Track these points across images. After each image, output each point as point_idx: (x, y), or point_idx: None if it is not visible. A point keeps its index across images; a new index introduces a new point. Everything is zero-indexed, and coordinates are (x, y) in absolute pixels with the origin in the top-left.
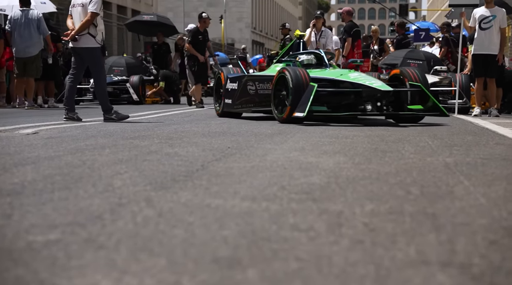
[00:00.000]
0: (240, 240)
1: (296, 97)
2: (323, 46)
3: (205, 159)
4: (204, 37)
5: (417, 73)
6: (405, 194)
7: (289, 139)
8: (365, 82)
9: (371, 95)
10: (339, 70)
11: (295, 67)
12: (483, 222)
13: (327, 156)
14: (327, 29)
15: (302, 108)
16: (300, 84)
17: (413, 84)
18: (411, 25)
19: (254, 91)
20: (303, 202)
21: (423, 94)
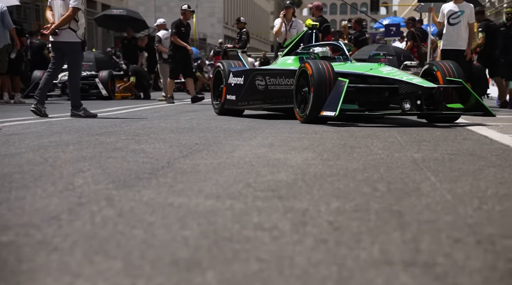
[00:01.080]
0: (201, 241)
1: (319, 94)
2: (292, 37)
3: (171, 156)
4: (186, 29)
5: (451, 67)
6: (372, 191)
7: (258, 135)
8: (402, 78)
9: (410, 92)
10: (366, 64)
11: (316, 60)
12: (448, 220)
13: (295, 152)
14: (297, 20)
15: (332, 106)
16: (322, 79)
17: (452, 80)
18: (382, 20)
19: (263, 86)
20: (269, 200)
21: (462, 91)
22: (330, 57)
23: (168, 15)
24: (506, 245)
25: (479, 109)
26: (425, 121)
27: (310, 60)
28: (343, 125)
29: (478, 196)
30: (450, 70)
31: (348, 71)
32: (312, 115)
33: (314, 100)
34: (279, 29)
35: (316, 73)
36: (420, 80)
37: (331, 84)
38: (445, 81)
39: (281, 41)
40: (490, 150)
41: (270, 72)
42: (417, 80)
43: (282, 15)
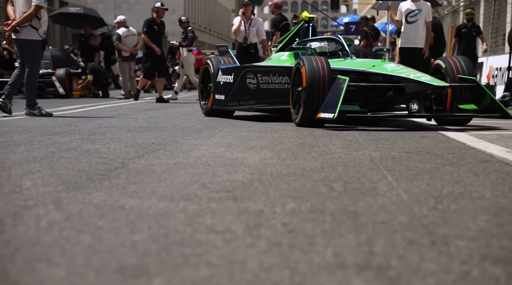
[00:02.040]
0: (151, 245)
1: (311, 94)
2: (253, 36)
3: (126, 156)
4: (160, 28)
5: (462, 63)
6: (328, 191)
7: (217, 134)
8: (409, 75)
9: (418, 91)
10: (369, 60)
11: (311, 55)
12: (403, 220)
13: (253, 152)
14: (257, 18)
15: (330, 108)
16: (315, 77)
17: (464, 78)
18: (342, 18)
19: (255, 85)
20: (223, 201)
21: (476, 90)
22: (329, 52)
23: (128, 12)
24: (461, 247)
25: (496, 111)
26: (435, 123)
27: (304, 56)
28: (343, 129)
29: (434, 195)
30: (459, 66)
31: (348, 68)
32: (306, 117)
33: (306, 100)
34: (238, 28)
35: (309, 70)
36: (430, 78)
37: (325, 83)
38: (457, 79)
39: (241, 40)
40: (447, 148)
41: (262, 69)
42: (426, 78)
43: (241, 13)
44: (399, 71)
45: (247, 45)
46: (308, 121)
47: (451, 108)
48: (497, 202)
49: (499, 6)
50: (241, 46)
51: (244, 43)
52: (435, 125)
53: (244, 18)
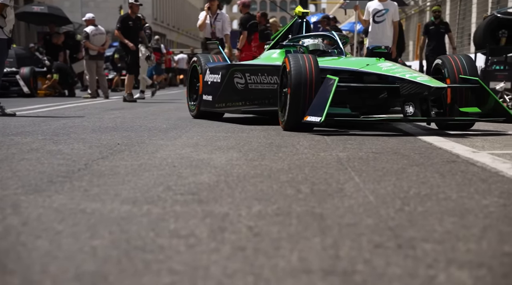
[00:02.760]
0: (111, 251)
1: (296, 95)
2: (219, 31)
3: (90, 157)
4: (135, 24)
5: (463, 62)
6: (295, 193)
7: (184, 134)
8: (404, 75)
9: (414, 93)
10: (363, 59)
11: (299, 54)
12: (369, 223)
13: (220, 152)
14: (222, 12)
15: (317, 110)
16: (301, 77)
17: (465, 78)
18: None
19: (243, 85)
20: (188, 204)
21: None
22: (323, 50)
23: (95, 10)
24: (427, 250)
25: (500, 114)
26: (436, 127)
27: (290, 55)
28: (333, 133)
29: (401, 196)
30: (460, 65)
31: (340, 67)
32: (291, 121)
33: (291, 102)
34: (203, 23)
35: (294, 69)
36: (427, 79)
37: (312, 83)
38: (458, 80)
39: (207, 35)
40: (413, 148)
41: (251, 68)
42: (423, 78)
43: (206, 8)
44: (394, 71)
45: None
46: (295, 125)
47: (451, 111)
48: (463, 203)
49: (464, 6)
50: (207, 41)
51: (212, 39)
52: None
53: (210, 13)
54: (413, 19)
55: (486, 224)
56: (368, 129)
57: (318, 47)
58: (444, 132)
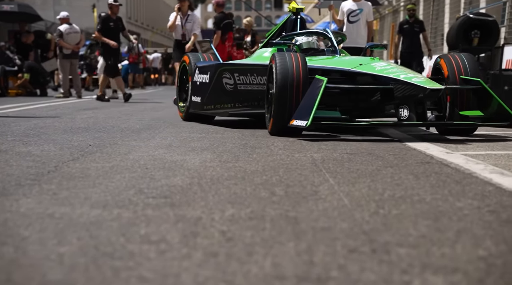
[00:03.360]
0: (79, 258)
1: (282, 97)
2: (190, 32)
3: (60, 159)
4: (116, 24)
5: (465, 61)
6: (269, 196)
7: (157, 135)
8: (399, 76)
9: (408, 95)
10: (356, 58)
11: (286, 52)
12: (344, 227)
13: (194, 154)
14: (194, 13)
15: (304, 113)
16: (287, 78)
17: (466, 79)
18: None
19: (232, 86)
20: (160, 208)
21: (481, 94)
22: (317, 49)
23: (68, 8)
24: (401, 254)
25: (504, 118)
26: (436, 132)
27: (277, 53)
28: (322, 139)
29: (375, 199)
30: (461, 65)
31: (331, 67)
32: (277, 125)
33: (277, 104)
34: (173, 23)
35: (280, 69)
36: (422, 79)
37: (299, 84)
38: (459, 80)
39: (178, 36)
40: (388, 149)
41: (239, 68)
42: (418, 79)
43: (176, 8)
44: (388, 71)
45: (185, 42)
46: (281, 129)
47: (450, 115)
48: (437, 206)
49: (437, 7)
50: (179, 43)
51: (183, 40)
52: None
53: (181, 13)
54: (387, 19)
55: (460, 227)
56: (361, 134)
57: (312, 45)
58: (418, 134)
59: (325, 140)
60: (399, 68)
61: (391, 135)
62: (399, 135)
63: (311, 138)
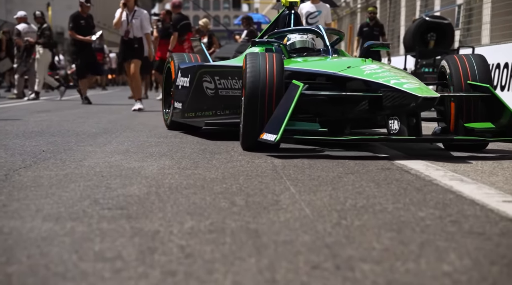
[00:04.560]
0: (28, 279)
1: (253, 106)
2: (137, 29)
3: (11, 166)
4: (87, 22)
5: (473, 64)
6: (229, 206)
7: (114, 139)
8: (389, 81)
9: (398, 104)
10: (346, 60)
11: (261, 53)
12: (306, 239)
13: (152, 160)
14: (141, 9)
15: (276, 126)
16: (258, 83)
17: (474, 85)
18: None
19: (213, 91)
20: (116, 220)
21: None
22: (313, 48)
23: (21, 7)
24: (365, 271)
25: None
26: (442, 147)
27: (249, 53)
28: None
29: (337, 209)
30: (469, 68)
31: (315, 70)
32: (248, 139)
33: (246, 115)
34: (119, 20)
35: (250, 72)
36: (415, 86)
37: (272, 90)
38: (465, 86)
39: (123, 33)
40: (348, 154)
41: (220, 70)
42: (410, 85)
43: (121, 4)
44: (377, 75)
45: (129, 40)
46: (252, 144)
47: (456, 127)
48: (399, 216)
49: (394, 9)
50: (123, 40)
51: (126, 37)
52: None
53: (127, 9)
54: (345, 20)
55: (423, 239)
56: (352, 149)
57: (306, 44)
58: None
59: (284, 145)
60: (392, 71)
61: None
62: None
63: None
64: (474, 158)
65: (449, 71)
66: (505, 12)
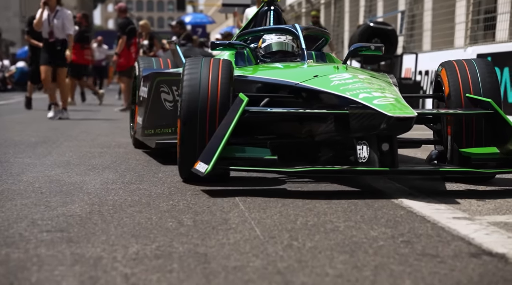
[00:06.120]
0: None
1: (191, 128)
2: (58, 30)
3: None
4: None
5: (477, 71)
6: (176, 226)
7: (54, 150)
8: (357, 96)
9: (367, 125)
10: (319, 67)
11: (205, 58)
12: (257, 265)
13: (94, 173)
14: (63, 9)
15: (211, 152)
16: (196, 96)
17: (474, 99)
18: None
19: (172, 103)
20: (55, 245)
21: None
22: (293, 51)
23: None
24: None
25: None
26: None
27: (188, 60)
28: (247, 169)
29: (288, 228)
30: (470, 78)
31: (275, 79)
32: (184, 167)
33: (182, 138)
34: (39, 20)
35: (188, 84)
36: (388, 102)
37: (215, 106)
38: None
39: (45, 35)
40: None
41: (178, 79)
42: (382, 101)
43: (42, 3)
44: (346, 87)
45: (52, 41)
46: (190, 173)
47: (451, 154)
48: (352, 236)
49: (338, 14)
50: (46, 42)
51: (51, 39)
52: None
53: (48, 8)
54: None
55: (377, 263)
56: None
57: (285, 47)
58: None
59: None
60: (367, 82)
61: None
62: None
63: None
64: None
65: (446, 80)
66: (444, 20)
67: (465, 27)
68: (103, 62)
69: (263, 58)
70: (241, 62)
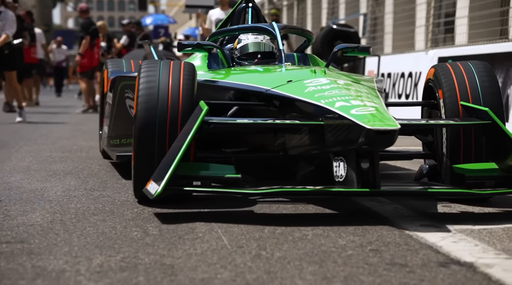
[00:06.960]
0: None
1: (145, 139)
2: (1, 30)
3: None
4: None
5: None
6: (142, 235)
7: (13, 154)
8: (333, 104)
9: (343, 139)
10: (295, 70)
11: (165, 61)
12: (225, 277)
13: (56, 180)
14: (7, 11)
15: (160, 173)
16: (153, 105)
17: (470, 107)
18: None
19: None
20: (15, 258)
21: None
22: (272, 52)
23: None
24: None
25: None
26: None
27: (144, 63)
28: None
29: (256, 237)
30: (467, 82)
31: (244, 85)
32: (139, 185)
33: (136, 153)
34: None
35: (144, 90)
36: (368, 111)
37: (176, 115)
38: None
39: None
40: None
41: None
42: (360, 110)
43: None
44: (322, 95)
45: None
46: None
47: (444, 170)
48: (320, 244)
49: (301, 16)
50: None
51: None
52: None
53: None
54: None
55: (347, 273)
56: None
57: (262, 47)
58: None
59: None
60: (345, 88)
61: None
62: None
63: None
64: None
65: (439, 86)
66: (405, 23)
67: (426, 31)
68: (63, 63)
69: (239, 60)
70: (214, 65)
